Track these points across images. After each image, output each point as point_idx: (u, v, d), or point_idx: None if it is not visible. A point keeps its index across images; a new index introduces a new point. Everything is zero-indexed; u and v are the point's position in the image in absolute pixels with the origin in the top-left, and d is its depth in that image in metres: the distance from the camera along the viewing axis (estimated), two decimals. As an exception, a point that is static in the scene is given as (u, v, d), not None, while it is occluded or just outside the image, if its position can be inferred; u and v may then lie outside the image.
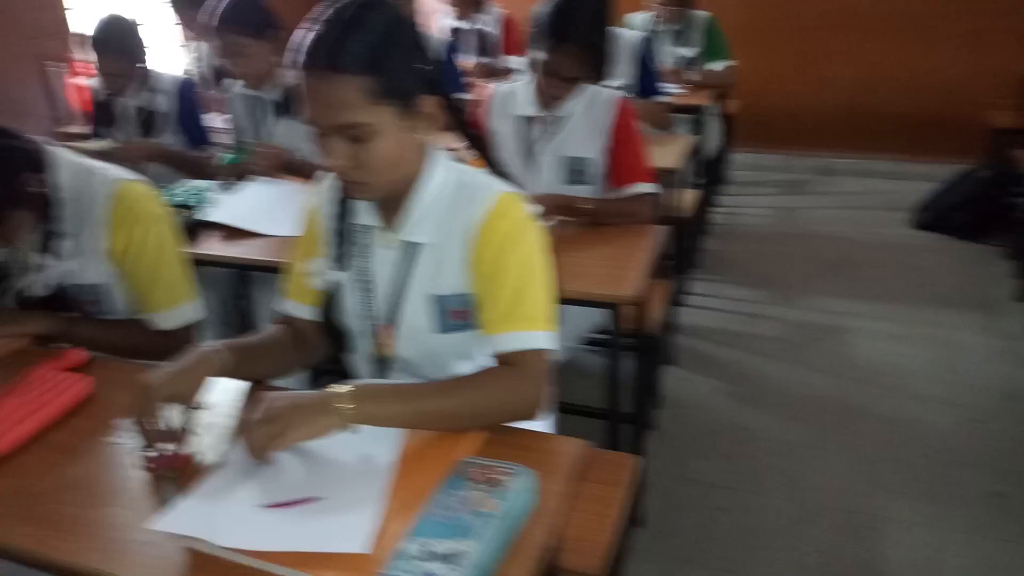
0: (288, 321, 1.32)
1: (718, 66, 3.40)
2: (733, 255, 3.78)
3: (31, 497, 1.04)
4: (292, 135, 2.35)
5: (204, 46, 3.50)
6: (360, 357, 1.28)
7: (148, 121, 2.61)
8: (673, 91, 3.07)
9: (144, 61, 2.59)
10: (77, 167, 1.47)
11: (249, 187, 2.18)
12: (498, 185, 1.16)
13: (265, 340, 1.28)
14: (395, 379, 1.24)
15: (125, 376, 1.31)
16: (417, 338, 1.20)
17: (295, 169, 2.26)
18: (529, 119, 2.04)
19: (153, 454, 1.05)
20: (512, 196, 1.15)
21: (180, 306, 1.52)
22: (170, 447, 1.05)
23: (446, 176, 1.17)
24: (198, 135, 2.64)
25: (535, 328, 1.11)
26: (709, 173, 3.79)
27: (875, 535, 2.00)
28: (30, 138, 1.41)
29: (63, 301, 1.48)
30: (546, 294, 1.14)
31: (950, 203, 3.92)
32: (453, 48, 3.14)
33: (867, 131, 4.73)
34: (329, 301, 1.26)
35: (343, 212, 1.23)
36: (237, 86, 2.45)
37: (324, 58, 1.00)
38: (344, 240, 1.23)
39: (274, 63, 2.30)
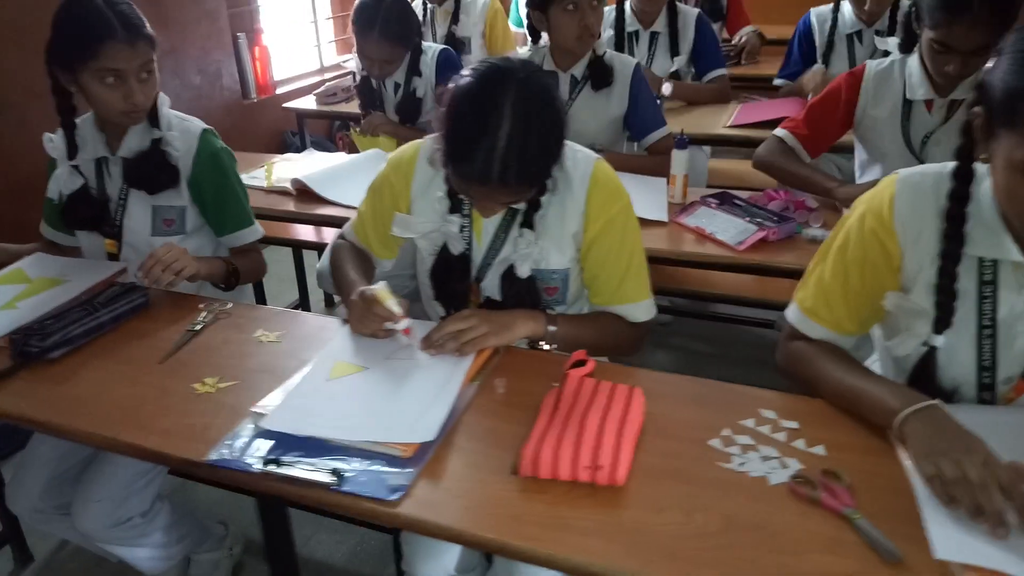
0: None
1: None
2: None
3: (699, 539, 0.88)
4: (586, 109, 2.20)
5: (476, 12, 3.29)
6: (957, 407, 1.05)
7: (407, 103, 2.45)
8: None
9: (416, 43, 2.37)
10: None
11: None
12: None
13: None
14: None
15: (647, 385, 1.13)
16: None
17: None
18: (920, 103, 1.80)
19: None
20: None
21: (649, 297, 1.34)
22: None
23: None
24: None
25: None
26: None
27: None
28: None
29: (528, 289, 1.31)
30: None
31: None
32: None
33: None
34: (924, 363, 1.06)
35: (953, 240, 1.00)
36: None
37: None
38: (953, 279, 1.00)
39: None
